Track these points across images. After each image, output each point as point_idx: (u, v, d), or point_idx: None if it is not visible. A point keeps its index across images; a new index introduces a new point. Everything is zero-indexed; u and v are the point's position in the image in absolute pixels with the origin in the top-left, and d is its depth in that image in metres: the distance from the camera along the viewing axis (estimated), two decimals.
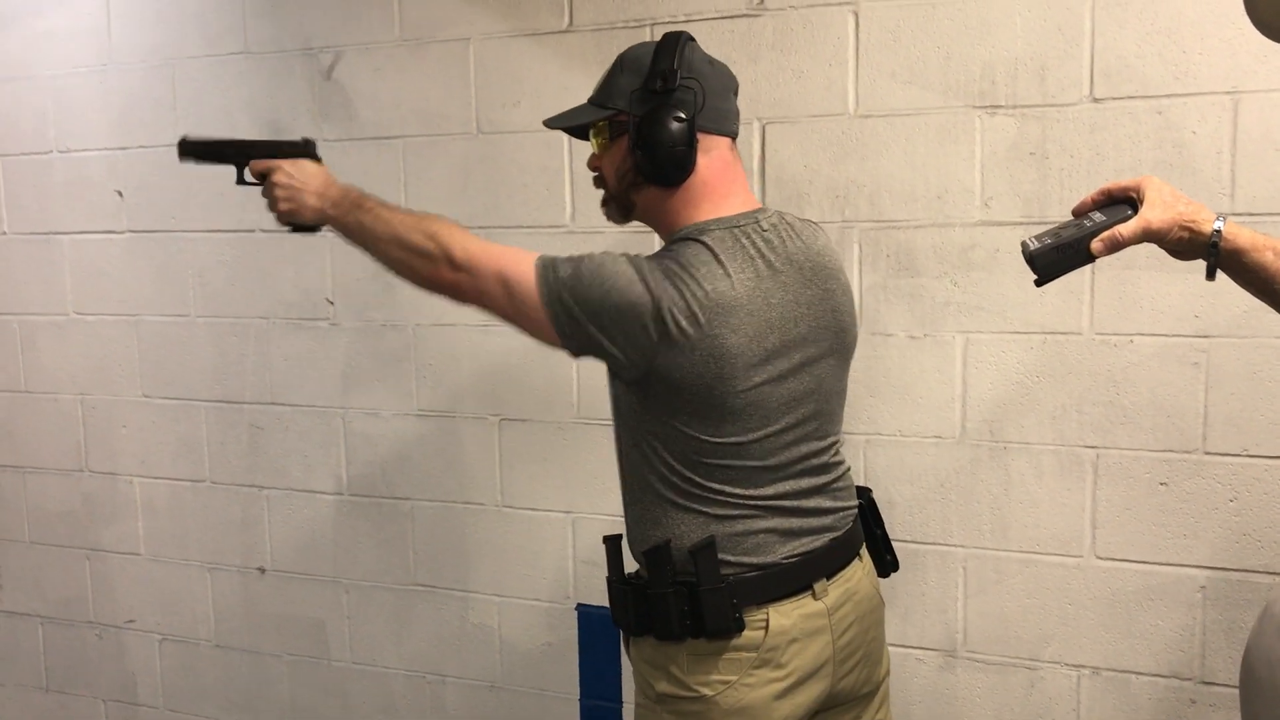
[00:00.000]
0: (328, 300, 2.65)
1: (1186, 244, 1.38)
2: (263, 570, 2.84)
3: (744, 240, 1.55)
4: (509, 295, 1.55)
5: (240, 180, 1.83)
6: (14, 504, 3.12)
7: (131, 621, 3.03)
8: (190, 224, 2.77)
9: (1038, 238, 1.41)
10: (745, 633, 1.54)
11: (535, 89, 2.39)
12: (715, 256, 1.52)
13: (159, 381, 2.88)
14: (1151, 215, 1.37)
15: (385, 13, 2.50)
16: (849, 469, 1.72)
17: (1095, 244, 1.38)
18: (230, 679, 2.93)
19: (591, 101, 1.66)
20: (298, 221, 1.76)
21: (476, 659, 2.65)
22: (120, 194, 2.83)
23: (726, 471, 1.55)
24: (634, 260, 1.52)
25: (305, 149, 1.81)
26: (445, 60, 2.47)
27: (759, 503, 1.57)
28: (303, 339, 2.70)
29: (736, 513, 1.56)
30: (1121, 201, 1.41)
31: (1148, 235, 1.38)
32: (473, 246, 1.57)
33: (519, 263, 1.54)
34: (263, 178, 1.77)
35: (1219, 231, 1.36)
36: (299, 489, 2.77)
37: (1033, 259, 1.40)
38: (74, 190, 2.89)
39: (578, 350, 1.55)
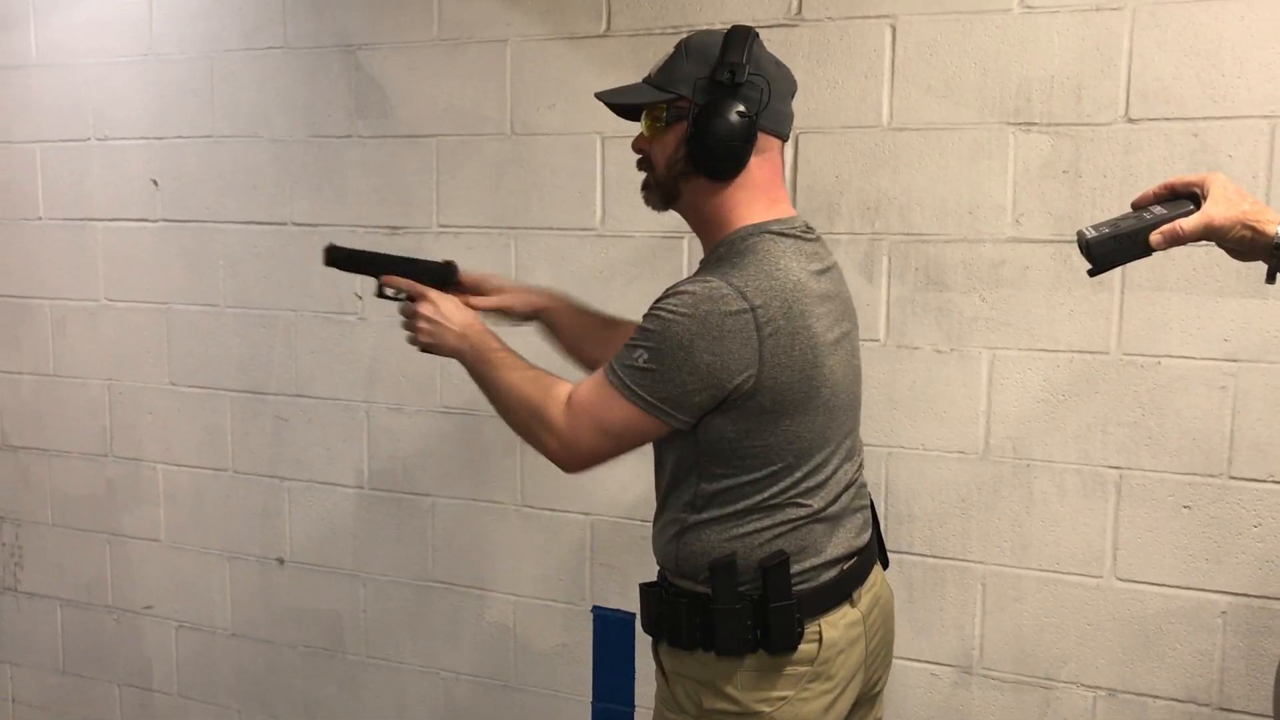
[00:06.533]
0: (356, 295, 2.66)
1: (1248, 244, 1.33)
2: (281, 561, 2.86)
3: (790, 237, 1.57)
4: (620, 435, 1.55)
5: (380, 294, 1.87)
6: (38, 486, 3.15)
7: (149, 607, 3.05)
8: (223, 215, 2.79)
9: (1095, 227, 1.37)
10: (801, 646, 1.52)
11: (571, 92, 2.41)
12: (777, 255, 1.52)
13: (186, 370, 2.90)
14: (1214, 211, 1.32)
15: (424, 12, 2.52)
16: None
17: (1154, 236, 1.34)
18: (244, 668, 2.95)
19: (649, 82, 1.60)
20: (432, 352, 1.81)
21: (490, 657, 2.66)
22: (155, 183, 2.86)
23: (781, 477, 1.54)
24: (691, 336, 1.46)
25: (447, 272, 1.86)
26: (482, 61, 2.48)
27: (815, 508, 1.56)
28: (330, 332, 2.72)
29: (795, 520, 1.55)
30: (1184, 196, 1.37)
31: (1209, 231, 1.32)
32: (570, 420, 1.57)
33: (610, 408, 1.52)
34: (407, 296, 1.80)
35: None
36: (320, 481, 2.78)
37: (1089, 247, 1.37)
38: (110, 178, 2.92)
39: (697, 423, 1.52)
